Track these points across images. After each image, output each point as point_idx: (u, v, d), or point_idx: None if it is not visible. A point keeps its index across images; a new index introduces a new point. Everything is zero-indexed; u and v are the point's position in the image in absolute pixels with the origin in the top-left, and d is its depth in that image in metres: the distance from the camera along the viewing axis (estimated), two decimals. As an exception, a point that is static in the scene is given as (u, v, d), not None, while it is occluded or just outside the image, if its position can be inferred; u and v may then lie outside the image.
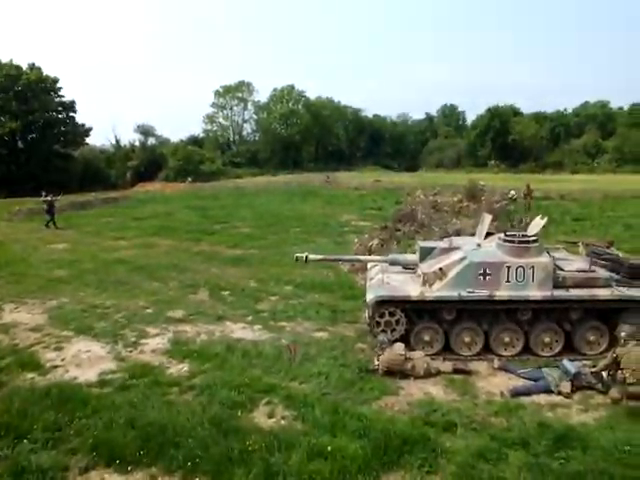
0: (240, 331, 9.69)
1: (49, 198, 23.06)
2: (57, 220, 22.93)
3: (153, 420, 6.14)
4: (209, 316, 10.49)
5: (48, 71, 51.03)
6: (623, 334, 6.96)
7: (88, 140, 54.38)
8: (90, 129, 52.98)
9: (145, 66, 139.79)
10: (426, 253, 9.03)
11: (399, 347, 7.72)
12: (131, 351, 8.77)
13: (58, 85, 50.86)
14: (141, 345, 9.03)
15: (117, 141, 58.44)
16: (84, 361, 8.32)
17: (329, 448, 5.54)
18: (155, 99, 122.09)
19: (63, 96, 51.29)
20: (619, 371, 6.69)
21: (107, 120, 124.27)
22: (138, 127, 60.05)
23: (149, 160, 55.26)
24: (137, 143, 59.63)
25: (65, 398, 6.79)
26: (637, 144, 55.11)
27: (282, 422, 6.37)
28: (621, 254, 9.41)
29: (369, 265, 10.56)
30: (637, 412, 6.46)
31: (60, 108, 51.17)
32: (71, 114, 51.86)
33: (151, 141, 61.62)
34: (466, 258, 8.28)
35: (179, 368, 8.03)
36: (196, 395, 7.04)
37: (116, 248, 17.83)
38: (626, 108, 67.59)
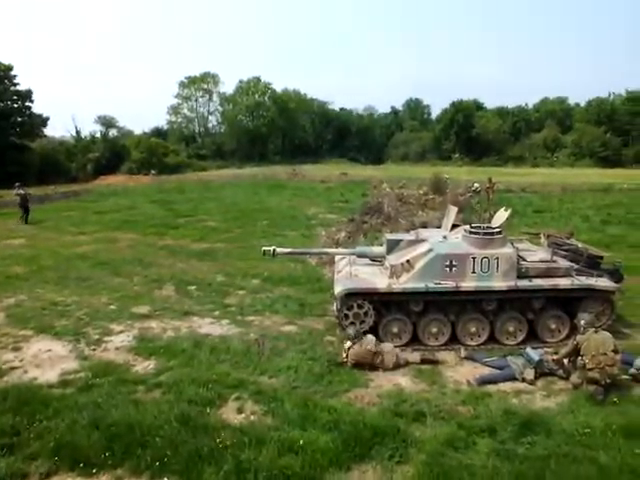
0: (207, 326, 9.55)
1: (22, 191, 21.80)
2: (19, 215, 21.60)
3: (119, 420, 5.97)
4: (175, 311, 10.30)
5: (2, 58, 48.88)
6: (583, 322, 7.17)
7: (47, 131, 52.47)
8: (47, 119, 50.95)
9: (107, 55, 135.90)
10: (393, 245, 9.09)
11: (370, 340, 7.75)
12: (94, 349, 8.51)
13: (13, 73, 48.68)
14: (105, 343, 8.78)
15: (77, 132, 56.65)
16: (44, 361, 8.03)
17: (300, 442, 5.52)
18: (117, 90, 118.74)
19: (18, 84, 49.21)
20: (579, 357, 6.91)
21: (67, 111, 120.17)
22: (99, 118, 58.44)
23: (111, 152, 53.70)
24: (98, 135, 57.97)
25: (24, 400, 6.52)
26: (594, 139, 56.97)
27: (252, 417, 6.30)
28: (580, 245, 9.71)
29: (337, 258, 10.57)
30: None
31: (15, 97, 49.02)
32: (27, 104, 49.71)
33: (113, 133, 60.08)
34: (432, 250, 8.37)
35: (145, 365, 7.85)
36: (163, 393, 6.89)
37: (77, 243, 17.29)
38: (583, 104, 69.81)
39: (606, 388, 6.69)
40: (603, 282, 8.52)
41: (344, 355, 7.72)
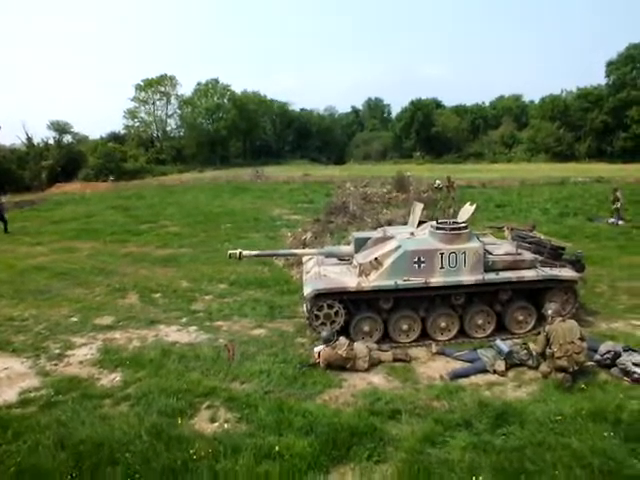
0: (175, 334, 9.29)
1: (2, 200, 20.97)
2: None
3: (85, 437, 5.70)
4: (140, 321, 9.98)
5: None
6: (550, 312, 7.31)
7: (-5, 139, 50.42)
8: (-4, 127, 49.11)
9: (58, 58, 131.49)
10: (361, 244, 9.07)
11: (343, 343, 7.65)
12: (56, 364, 8.12)
13: (-44, 80, 46.60)
14: (67, 357, 8.40)
15: (29, 139, 54.24)
16: (2, 380, 7.59)
17: (276, 448, 5.41)
18: (70, 94, 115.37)
19: (-37, 91, 47.10)
20: (548, 346, 7.04)
21: (16, 117, 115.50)
22: (52, 124, 56.22)
23: (66, 159, 51.85)
24: (52, 141, 55.84)
25: (-20, 424, 6.14)
26: (548, 134, 58.74)
27: (226, 425, 6.14)
28: (543, 237, 9.93)
29: (304, 259, 10.48)
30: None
31: (-40, 105, 46.91)
32: (-27, 111, 47.70)
33: (67, 139, 57.84)
34: (401, 247, 8.38)
35: (111, 378, 7.55)
36: (132, 405, 6.63)
37: (33, 254, 16.58)
38: (537, 101, 71.91)
39: (574, 375, 6.85)
40: (567, 272, 8.73)
41: (316, 356, 7.63)
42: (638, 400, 6.34)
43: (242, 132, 71.30)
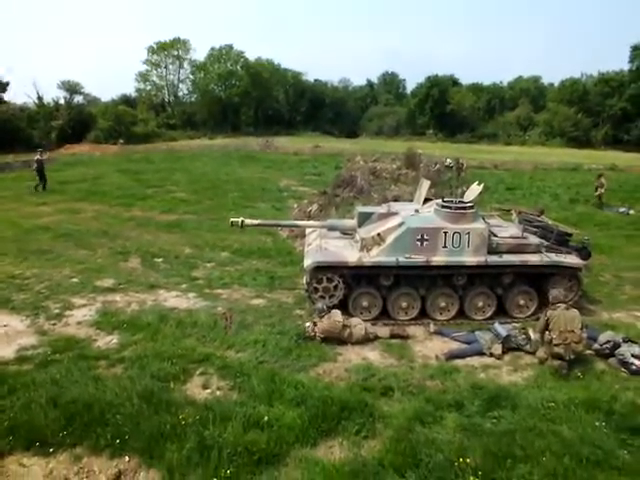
0: (174, 299, 9.30)
1: (40, 157, 21.18)
2: None
3: (78, 397, 5.74)
4: (141, 284, 10.00)
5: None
6: (553, 297, 7.21)
7: (6, 97, 49.99)
8: (7, 84, 48.64)
9: (71, 18, 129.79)
10: (364, 218, 8.95)
11: (336, 314, 7.66)
12: (54, 324, 8.18)
13: (-31, 34, 46.06)
14: (66, 317, 8.45)
15: (39, 98, 53.87)
16: (0, 337, 7.67)
17: (265, 418, 5.43)
18: (82, 54, 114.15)
19: (-25, 46, 46.62)
20: (546, 332, 6.96)
21: (28, 75, 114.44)
22: (63, 84, 55.68)
23: (76, 120, 51.43)
24: (62, 101, 55.42)
25: (-24, 378, 6.20)
26: (565, 119, 57.45)
27: (217, 393, 6.17)
28: (550, 222, 9.76)
29: (307, 231, 10.40)
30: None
31: (-28, 60, 46.50)
32: (-15, 67, 47.26)
33: (78, 99, 57.36)
34: (404, 223, 8.26)
35: (107, 340, 7.59)
36: (125, 368, 6.67)
37: (38, 214, 16.61)
38: (556, 84, 70.22)
39: (570, 363, 6.79)
40: (571, 259, 8.59)
41: (309, 328, 7.61)
42: (633, 391, 6.30)
43: (254, 100, 70.31)
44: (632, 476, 4.77)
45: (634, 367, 6.78)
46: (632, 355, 6.86)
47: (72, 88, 55.92)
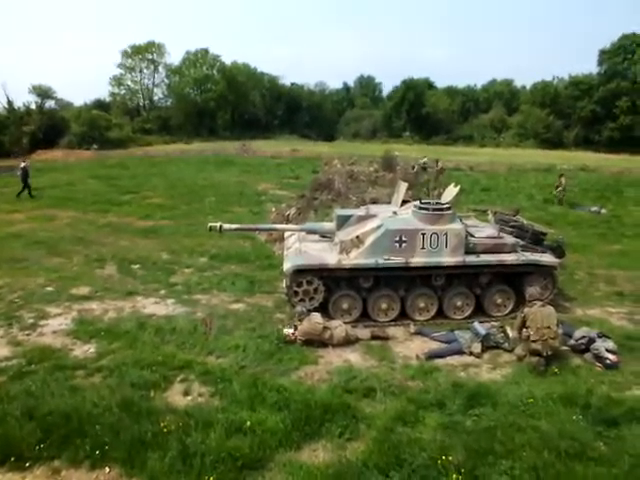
0: (152, 306, 9.19)
1: (24, 164, 21.04)
2: None
3: (55, 408, 5.61)
4: (118, 292, 9.85)
5: None
6: (530, 295, 7.35)
7: (-27, 102, 48.77)
8: (-25, 89, 47.54)
9: (41, 21, 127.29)
10: (343, 221, 8.98)
11: (316, 317, 7.66)
12: (29, 334, 7.99)
13: None
14: (40, 327, 8.26)
15: (9, 103, 52.66)
16: (-28, 348, 7.46)
17: (248, 423, 5.39)
18: (53, 58, 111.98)
19: (-59, 50, 45.37)
20: (524, 329, 7.09)
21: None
22: (34, 88, 54.56)
23: (48, 125, 50.37)
24: (33, 106, 54.30)
25: (-53, 392, 6.01)
26: (538, 121, 58.66)
27: (199, 399, 6.11)
28: (525, 222, 9.94)
29: (286, 234, 10.39)
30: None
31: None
32: (-48, 71, 46.02)
33: (50, 104, 56.32)
34: (382, 226, 8.32)
35: (85, 349, 7.45)
36: (104, 377, 6.57)
37: (10, 222, 16.22)
38: (528, 87, 71.60)
39: (547, 359, 6.91)
40: (547, 258, 8.77)
41: (289, 332, 7.60)
42: (608, 385, 6.45)
43: (231, 104, 69.94)
44: (608, 466, 4.88)
45: (608, 361, 6.94)
46: (606, 350, 7.02)
47: (43, 92, 54.88)
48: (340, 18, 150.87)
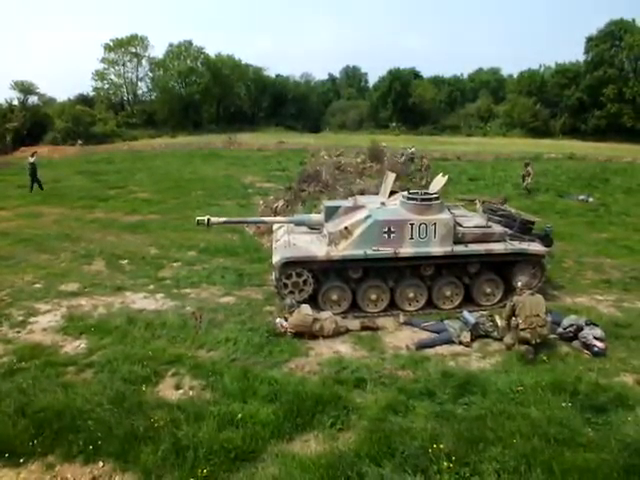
0: (141, 301, 9.15)
1: (32, 160, 21.04)
2: None
3: (47, 405, 5.60)
4: (107, 287, 9.79)
5: None
6: (519, 284, 7.42)
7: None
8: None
9: (21, 15, 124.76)
10: (331, 212, 9.00)
11: (306, 308, 7.69)
12: (18, 332, 7.92)
13: None
14: (30, 324, 8.19)
15: (-9, 99, 51.95)
16: (-39, 346, 7.38)
17: (240, 415, 5.42)
18: (34, 53, 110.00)
19: None
20: (513, 318, 7.17)
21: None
22: (16, 84, 53.70)
23: (32, 122, 49.72)
24: (16, 102, 53.46)
25: (-62, 391, 5.95)
26: (524, 110, 58.90)
27: (190, 393, 6.11)
28: (513, 211, 10.02)
29: (275, 227, 10.39)
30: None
31: None
32: None
33: (33, 100, 55.52)
34: (371, 216, 8.34)
35: (75, 345, 7.41)
36: (95, 373, 6.55)
37: (-4, 219, 16.01)
38: (515, 76, 71.86)
39: (536, 347, 7.00)
40: (535, 246, 8.84)
41: (279, 324, 7.63)
42: (596, 372, 6.55)
43: (216, 97, 69.33)
44: (596, 452, 4.96)
45: (596, 349, 7.04)
46: (594, 337, 7.12)
47: (26, 89, 54.03)
48: (325, 9, 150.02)
